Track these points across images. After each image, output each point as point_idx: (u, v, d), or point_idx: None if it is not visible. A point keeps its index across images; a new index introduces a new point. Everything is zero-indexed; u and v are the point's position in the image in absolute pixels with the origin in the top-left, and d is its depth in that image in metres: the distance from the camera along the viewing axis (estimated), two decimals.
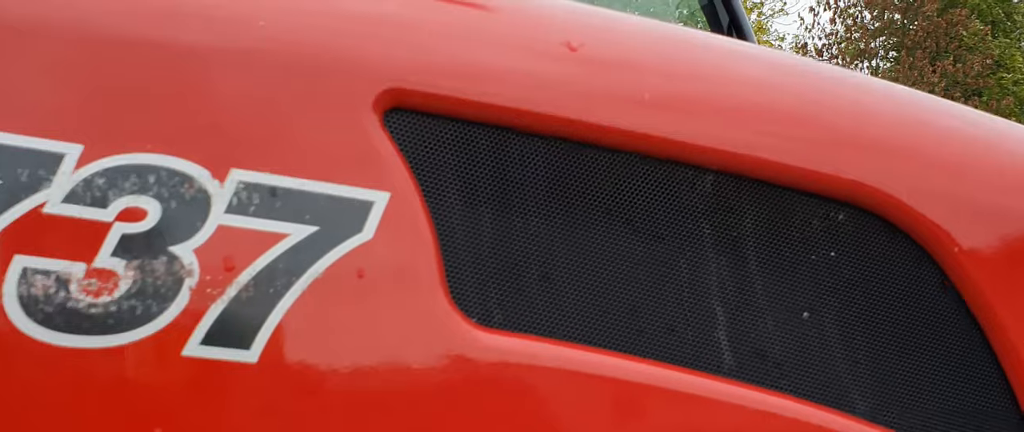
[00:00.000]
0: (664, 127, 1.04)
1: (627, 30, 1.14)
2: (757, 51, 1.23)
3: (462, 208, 0.99)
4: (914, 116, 1.18)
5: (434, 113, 0.98)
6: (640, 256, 1.04)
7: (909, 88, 1.28)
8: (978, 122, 1.23)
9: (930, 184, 1.10)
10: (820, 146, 1.09)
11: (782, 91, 1.13)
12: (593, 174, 1.03)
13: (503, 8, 1.09)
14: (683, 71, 1.10)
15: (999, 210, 1.11)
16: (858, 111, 1.15)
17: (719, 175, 1.06)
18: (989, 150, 1.18)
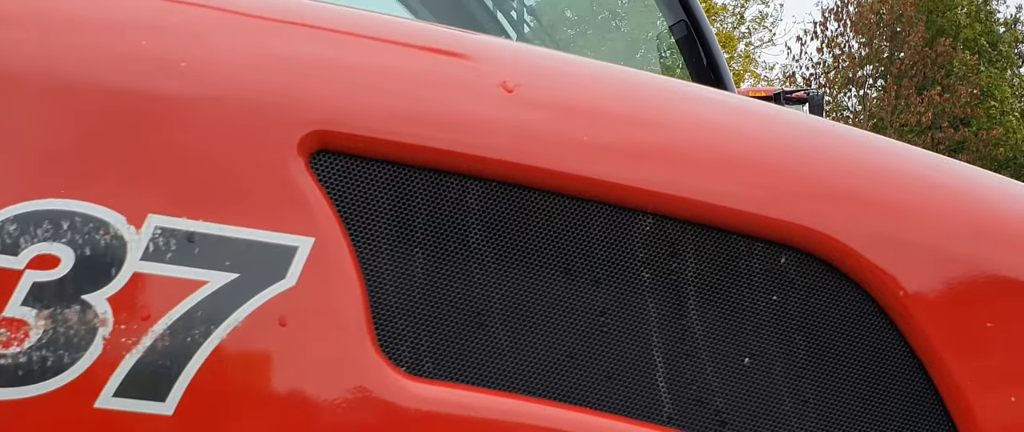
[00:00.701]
0: (603, 170, 1.02)
1: (567, 70, 1.13)
2: (700, 92, 1.21)
3: (392, 253, 0.96)
4: (857, 157, 1.16)
5: (363, 155, 0.96)
6: (578, 302, 1.01)
7: (855, 128, 1.26)
8: (924, 163, 1.21)
9: (873, 227, 1.08)
10: (762, 189, 1.07)
11: (723, 133, 1.11)
12: (530, 218, 1.01)
13: (436, 47, 1.07)
14: (624, 113, 1.08)
15: (944, 253, 1.09)
16: (800, 153, 1.13)
17: (659, 219, 1.04)
18: (934, 192, 1.16)
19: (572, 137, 1.03)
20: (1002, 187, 1.24)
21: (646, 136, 1.07)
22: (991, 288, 1.11)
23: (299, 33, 1.03)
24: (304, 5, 1.07)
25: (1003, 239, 1.14)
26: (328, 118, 0.95)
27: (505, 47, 1.12)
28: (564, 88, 1.08)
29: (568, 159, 1.01)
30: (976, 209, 1.16)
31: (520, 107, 1.03)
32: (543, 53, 1.16)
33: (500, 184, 1.00)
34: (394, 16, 1.10)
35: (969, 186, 1.20)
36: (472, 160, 0.98)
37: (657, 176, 1.04)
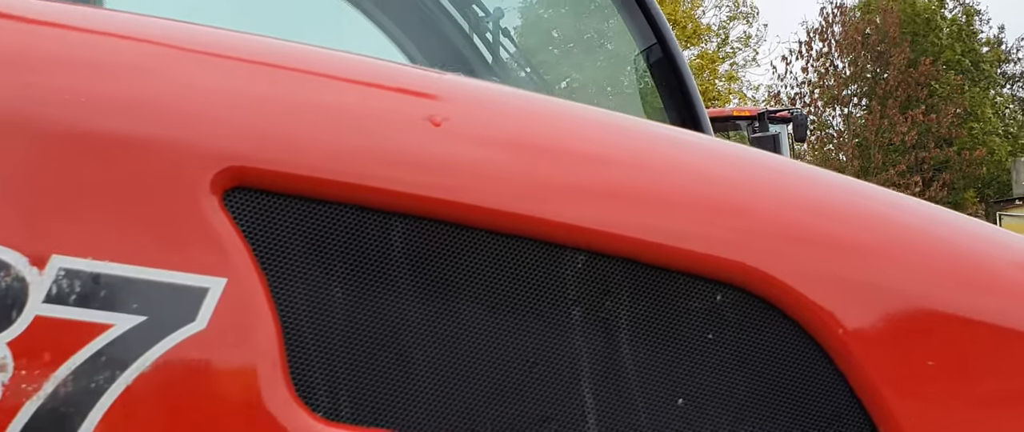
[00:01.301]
0: (533, 206, 0.99)
1: (498, 103, 1.10)
2: (638, 125, 1.19)
3: (310, 293, 0.93)
4: (796, 192, 1.14)
5: (281, 192, 0.93)
6: (506, 343, 0.98)
7: (797, 162, 1.24)
8: (866, 198, 1.19)
9: (812, 264, 1.06)
10: (697, 225, 1.05)
11: (659, 168, 1.08)
12: (456, 255, 0.98)
13: (361, 79, 1.04)
14: (556, 147, 1.06)
15: (885, 290, 1.07)
16: (738, 187, 1.10)
17: (592, 256, 1.01)
18: (876, 228, 1.13)
19: (501, 172, 1.00)
20: (948, 222, 1.22)
21: (579, 171, 1.04)
22: (933, 325, 1.08)
23: (214, 64, 1.00)
24: (218, 35, 1.05)
25: (946, 275, 1.12)
26: (244, 153, 0.92)
27: (434, 79, 1.09)
28: (495, 122, 1.06)
29: (496, 195, 0.99)
30: (919, 245, 1.14)
31: (447, 141, 1.00)
32: (474, 85, 1.13)
33: (425, 221, 0.97)
34: (317, 47, 1.07)
35: (913, 221, 1.18)
36: (396, 196, 0.96)
37: (590, 212, 1.01)
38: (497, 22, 4.13)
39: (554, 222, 1.00)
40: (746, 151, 1.22)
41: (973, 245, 1.18)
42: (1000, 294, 1.12)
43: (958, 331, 1.09)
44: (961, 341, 1.09)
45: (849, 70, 41.27)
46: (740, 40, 39.92)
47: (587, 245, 1.01)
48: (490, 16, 4.10)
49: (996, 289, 1.13)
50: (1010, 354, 1.10)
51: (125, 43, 0.98)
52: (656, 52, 3.35)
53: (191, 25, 1.04)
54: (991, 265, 1.16)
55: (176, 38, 1.02)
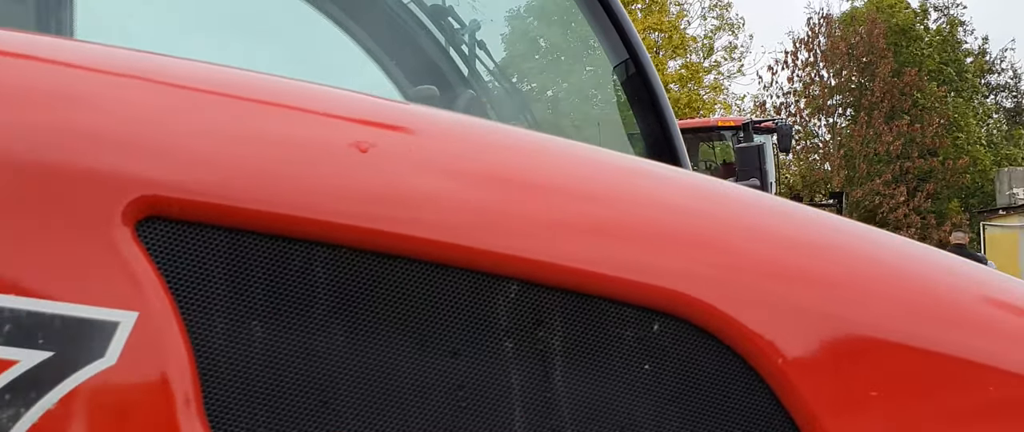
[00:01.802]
0: (463, 234, 0.97)
1: (429, 128, 1.07)
2: (572, 150, 1.16)
3: (227, 326, 0.90)
4: (735, 218, 1.12)
5: (197, 222, 0.90)
6: (434, 376, 0.95)
7: (737, 186, 1.22)
8: (807, 222, 1.17)
9: (751, 291, 1.03)
10: (633, 253, 1.02)
11: (592, 194, 1.06)
12: (384, 286, 0.95)
13: (284, 103, 1.01)
14: (487, 173, 1.03)
15: (826, 317, 1.05)
16: (674, 214, 1.08)
17: (524, 286, 0.98)
18: (816, 253, 1.11)
19: (429, 200, 0.97)
20: (892, 248, 1.20)
21: (510, 198, 1.01)
22: (876, 353, 1.06)
23: (129, 87, 0.97)
24: (134, 57, 1.02)
25: (890, 302, 1.09)
26: (158, 181, 0.89)
27: (362, 103, 1.07)
28: (424, 146, 1.03)
29: (424, 224, 0.96)
30: (862, 272, 1.12)
31: (375, 168, 0.97)
32: (404, 107, 1.11)
33: (350, 251, 0.94)
34: (240, 69, 1.04)
35: (855, 247, 1.16)
36: (318, 225, 0.93)
37: (522, 241, 0.99)
38: (473, 35, 4.11)
39: (485, 251, 0.97)
40: (686, 177, 1.20)
41: (918, 272, 1.16)
42: (944, 322, 1.10)
43: (902, 360, 1.06)
44: (905, 370, 1.06)
45: (834, 80, 41.44)
46: (726, 50, 40.01)
47: (520, 274, 0.98)
48: (466, 28, 4.08)
49: (940, 317, 1.11)
50: (954, 383, 1.08)
51: (33, 66, 0.95)
52: (628, 67, 3.33)
53: (105, 47, 1.01)
54: (935, 292, 1.13)
55: (88, 60, 1.00)
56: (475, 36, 4.10)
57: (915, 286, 1.12)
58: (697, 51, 38.98)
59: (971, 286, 1.18)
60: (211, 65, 1.04)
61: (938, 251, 1.25)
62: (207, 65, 1.03)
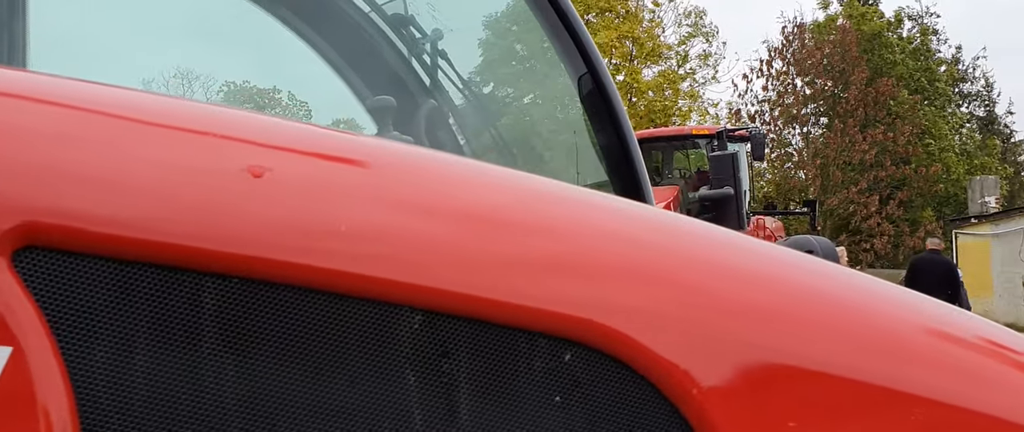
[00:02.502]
0: (363, 263, 0.93)
1: (330, 150, 1.03)
2: (481, 173, 1.13)
3: (110, 362, 0.86)
4: (651, 241, 1.09)
5: (79, 251, 0.86)
6: (332, 409, 0.92)
7: (654, 208, 1.19)
8: (727, 246, 1.14)
9: (666, 319, 1.00)
10: (543, 280, 0.99)
11: (500, 219, 1.03)
12: (277, 317, 0.91)
13: (173, 125, 0.97)
14: (390, 198, 0.99)
15: (743, 346, 1.02)
16: (586, 237, 1.05)
17: (429, 315, 0.95)
18: (735, 279, 1.08)
19: (328, 227, 0.94)
20: (817, 272, 1.17)
21: (415, 224, 0.98)
22: (795, 383, 1.03)
23: (4, 108, 0.93)
24: (14, 76, 0.98)
25: (811, 329, 1.06)
26: (37, 208, 0.85)
27: (258, 124, 1.03)
28: (323, 170, 0.99)
29: (322, 252, 0.92)
30: (782, 298, 1.09)
31: (269, 193, 0.93)
32: (303, 128, 1.07)
33: (241, 281, 0.90)
34: (128, 89, 1.00)
35: (777, 274, 1.13)
36: (208, 255, 0.89)
37: (426, 269, 0.95)
38: (434, 44, 4.07)
39: (386, 280, 0.94)
40: (604, 201, 1.17)
41: (841, 299, 1.13)
42: (868, 350, 1.08)
43: (822, 388, 1.04)
44: (824, 399, 1.03)
45: (808, 89, 41.68)
46: (700, 57, 40.12)
47: (424, 304, 0.95)
48: (427, 38, 4.04)
49: (863, 345, 1.08)
50: (877, 411, 1.05)
51: None
52: (587, 81, 3.30)
53: None
54: (859, 319, 1.11)
55: None
56: (437, 46, 4.06)
57: (837, 313, 1.10)
58: (672, 58, 39.07)
59: (898, 313, 1.15)
60: (102, 85, 1.00)
61: (869, 278, 1.22)
62: (98, 86, 0.99)
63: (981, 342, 1.20)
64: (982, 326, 1.22)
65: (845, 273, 1.20)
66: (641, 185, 3.19)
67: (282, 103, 30.75)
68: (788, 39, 42.32)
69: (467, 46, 4.42)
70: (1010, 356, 1.20)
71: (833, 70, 41.48)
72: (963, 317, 1.22)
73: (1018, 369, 1.19)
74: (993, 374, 1.16)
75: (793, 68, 41.88)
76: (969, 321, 1.23)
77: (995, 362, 1.19)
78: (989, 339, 1.20)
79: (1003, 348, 1.20)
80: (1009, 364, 1.20)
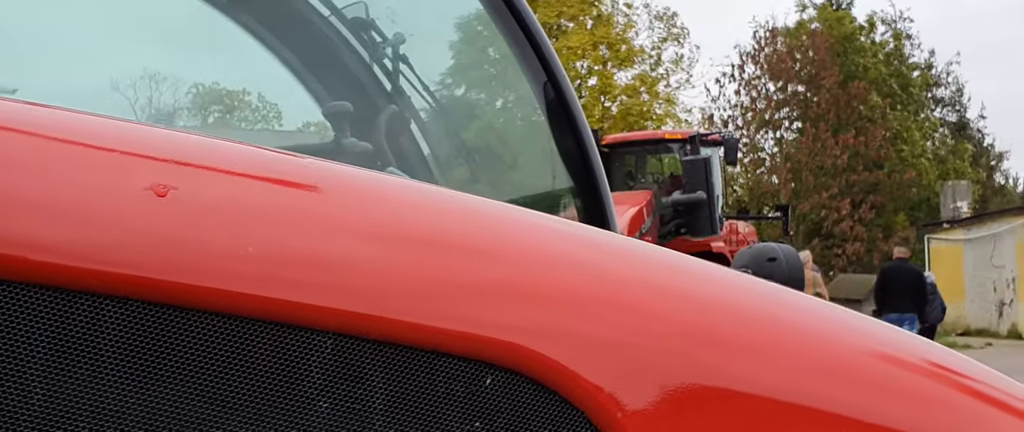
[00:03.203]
0: (270, 286, 0.90)
1: (240, 164, 0.99)
2: (397, 189, 1.09)
3: (3, 385, 0.82)
4: (574, 258, 1.06)
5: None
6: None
7: (573, 222, 1.15)
8: (662, 264, 1.11)
9: (591, 342, 0.97)
10: (461, 300, 0.95)
11: (414, 237, 0.99)
12: (181, 342, 0.87)
13: (69, 139, 0.93)
14: (299, 216, 0.96)
15: (671, 368, 0.98)
16: (507, 256, 1.01)
17: (341, 339, 0.91)
18: (665, 301, 1.05)
19: (234, 248, 0.90)
20: (757, 293, 1.14)
21: (325, 245, 0.94)
22: (723, 405, 1.00)
23: None
24: None
25: (741, 351, 1.04)
26: None
27: (165, 140, 0.99)
28: (233, 189, 0.96)
29: (227, 274, 0.89)
30: (713, 318, 1.06)
31: (173, 213, 0.90)
32: (218, 146, 1.03)
33: (142, 304, 0.86)
34: (24, 102, 0.96)
35: (709, 292, 1.10)
36: (106, 277, 0.85)
37: (337, 291, 0.92)
38: (396, 49, 4.03)
39: (296, 303, 0.90)
40: (536, 220, 1.13)
41: (773, 319, 1.10)
42: (801, 371, 1.05)
43: (750, 411, 1.01)
44: (752, 422, 1.00)
45: (780, 94, 41.90)
46: (673, 61, 40.22)
47: (336, 327, 0.91)
48: (388, 42, 4.00)
49: (796, 366, 1.05)
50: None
51: None
52: (548, 90, 3.26)
53: None
54: (792, 340, 1.08)
55: None
56: (398, 50, 4.02)
57: (768, 334, 1.07)
58: (646, 62, 39.15)
59: (834, 334, 1.13)
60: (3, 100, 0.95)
61: (808, 299, 1.20)
62: None
63: (921, 363, 1.18)
64: (923, 347, 1.20)
65: (783, 293, 1.18)
66: (600, 192, 3.17)
67: (252, 105, 30.61)
68: (760, 44, 42.54)
69: (429, 51, 4.39)
70: (953, 378, 1.17)
71: (805, 74, 41.73)
72: (901, 337, 1.20)
73: (960, 391, 1.17)
74: (932, 395, 1.13)
75: (766, 73, 42.10)
76: (909, 341, 1.21)
77: (935, 383, 1.16)
78: (929, 360, 1.18)
79: (945, 369, 1.18)
80: (951, 386, 1.18)
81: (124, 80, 5.21)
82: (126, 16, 4.77)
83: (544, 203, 4.42)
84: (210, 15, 3.92)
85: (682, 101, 44.11)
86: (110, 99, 4.89)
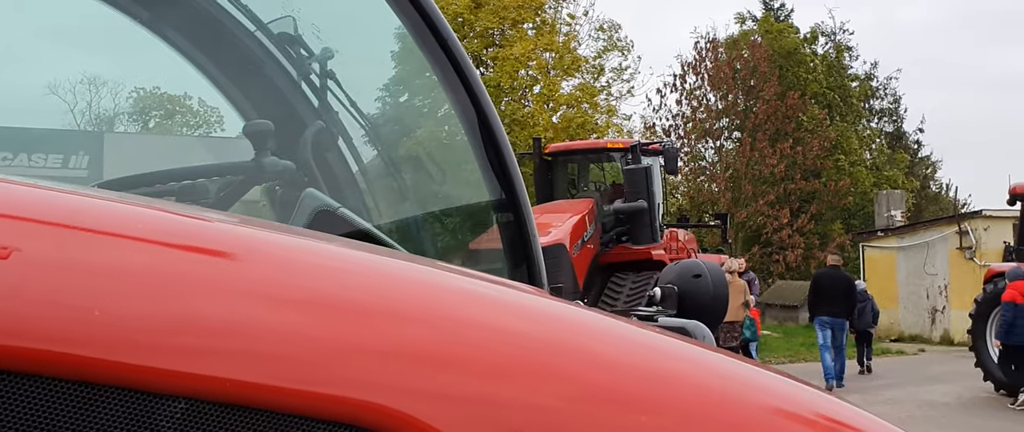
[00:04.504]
0: (118, 350, 0.87)
1: (91, 221, 0.96)
2: (264, 242, 1.07)
3: None
4: (437, 310, 1.04)
5: None
6: None
7: (437, 269, 1.13)
8: (536, 316, 1.10)
9: (452, 397, 0.95)
10: (318, 359, 0.93)
11: (269, 294, 0.96)
12: (26, 409, 0.84)
13: None
14: (151, 276, 0.92)
15: (536, 421, 0.97)
16: (362, 310, 0.99)
17: (191, 402, 0.89)
18: (535, 354, 1.03)
19: (79, 310, 0.87)
20: (630, 341, 1.13)
21: (172, 305, 0.91)
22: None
23: None
24: None
25: (612, 406, 1.03)
26: None
27: (12, 194, 0.96)
28: (82, 246, 0.92)
29: (69, 338, 0.86)
30: (592, 370, 1.04)
31: (16, 275, 0.86)
32: (70, 202, 0.99)
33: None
34: None
35: (584, 341, 1.09)
36: None
37: (188, 354, 0.89)
38: (324, 64, 3.99)
39: (142, 366, 0.87)
40: (356, 257, 1.11)
41: (649, 369, 1.10)
42: (670, 422, 1.04)
43: None
44: None
45: (721, 104, 42.32)
46: (615, 71, 40.42)
47: (187, 391, 0.89)
48: (314, 57, 3.96)
49: (668, 420, 1.04)
50: None
51: None
52: (469, 112, 3.22)
53: None
54: (666, 392, 1.07)
55: None
56: (326, 66, 3.98)
57: (639, 384, 1.06)
58: (588, 71, 39.29)
59: (717, 385, 1.12)
60: None
61: (682, 344, 1.19)
62: None
63: (813, 417, 1.17)
64: (815, 400, 1.19)
65: (659, 342, 1.17)
66: (521, 207, 3.15)
67: (193, 109, 30.21)
68: (701, 54, 42.94)
69: (355, 68, 4.35)
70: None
71: (745, 85, 42.20)
72: (793, 390, 1.20)
73: None
74: None
75: (706, 83, 42.51)
76: (801, 395, 1.20)
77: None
78: (822, 414, 1.17)
79: (837, 424, 1.18)
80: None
81: (38, 90, 5.11)
82: (42, 28, 4.68)
83: (467, 219, 4.40)
84: (132, 28, 3.85)
85: (623, 111, 44.37)
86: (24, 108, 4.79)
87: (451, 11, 35.39)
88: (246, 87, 4.08)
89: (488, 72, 35.92)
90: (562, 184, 24.57)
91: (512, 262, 3.19)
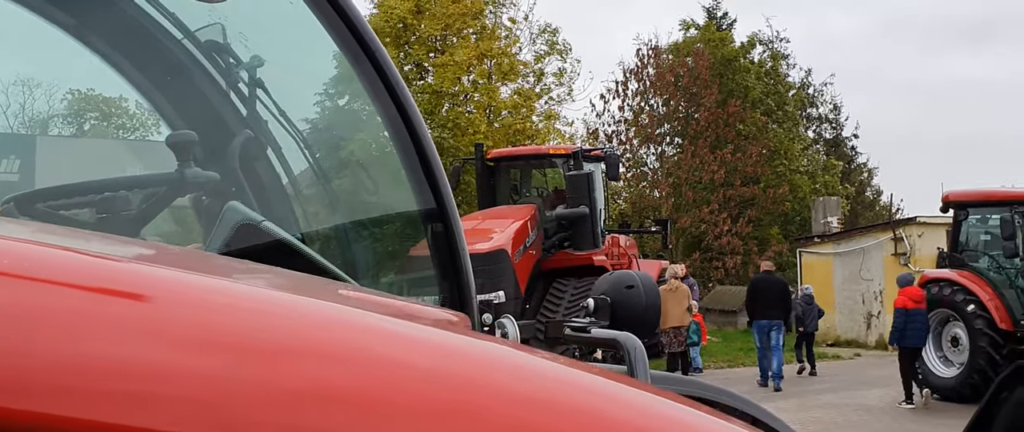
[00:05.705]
0: (13, 394, 0.83)
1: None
2: (155, 281, 1.03)
3: None
4: (345, 349, 1.01)
5: None
6: None
7: (347, 304, 1.10)
8: (433, 346, 1.08)
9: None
10: (218, 402, 0.90)
11: (170, 334, 0.93)
12: None
13: None
14: (42, 318, 0.89)
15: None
16: (297, 356, 0.96)
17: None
18: (436, 391, 1.01)
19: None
20: (536, 373, 1.11)
21: (68, 347, 0.88)
22: None
23: None
24: None
25: None
26: None
27: None
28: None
29: None
30: (499, 405, 1.03)
31: None
32: None
33: None
34: None
35: (494, 377, 1.07)
36: None
37: (86, 397, 0.85)
38: (252, 72, 3.93)
39: (11, 410, 0.84)
40: (300, 306, 1.08)
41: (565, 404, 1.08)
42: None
43: None
44: None
45: (663, 110, 42.67)
46: (555, 74, 40.51)
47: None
48: (242, 65, 3.90)
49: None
50: None
51: None
52: (397, 123, 3.18)
53: None
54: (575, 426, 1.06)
55: None
56: (255, 74, 3.92)
57: (545, 417, 1.04)
58: (528, 76, 39.36)
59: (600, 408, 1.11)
60: None
61: (588, 377, 1.17)
62: None
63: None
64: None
65: (569, 376, 1.15)
66: (449, 217, 3.13)
67: (129, 112, 29.75)
68: (643, 61, 43.28)
69: (284, 77, 4.31)
70: None
71: (686, 92, 42.60)
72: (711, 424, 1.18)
73: None
74: None
75: (649, 90, 42.84)
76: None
77: None
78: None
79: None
80: None
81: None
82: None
83: (396, 229, 4.36)
84: (57, 36, 3.77)
85: (564, 115, 44.53)
86: None
87: (395, 16, 35.27)
88: (173, 95, 4.02)
89: (428, 78, 35.82)
90: (504, 190, 24.59)
91: (441, 273, 3.16)
